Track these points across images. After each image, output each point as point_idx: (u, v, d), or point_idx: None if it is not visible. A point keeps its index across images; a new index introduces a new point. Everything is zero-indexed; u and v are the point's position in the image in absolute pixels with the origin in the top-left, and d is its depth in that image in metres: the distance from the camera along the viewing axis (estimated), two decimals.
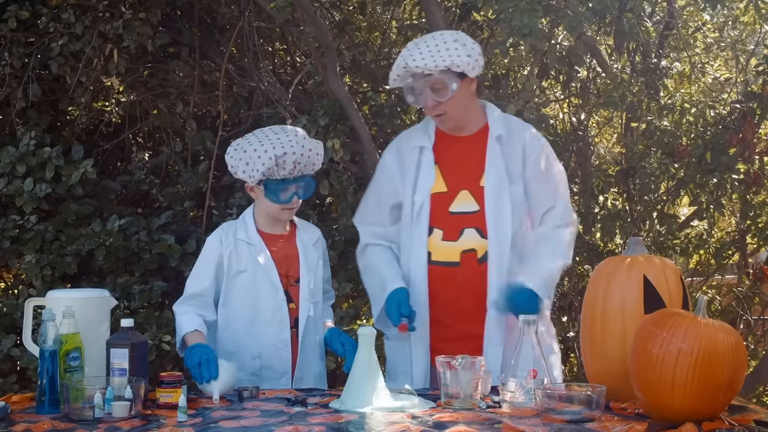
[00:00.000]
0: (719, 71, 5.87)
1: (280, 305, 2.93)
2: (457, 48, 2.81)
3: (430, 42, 2.85)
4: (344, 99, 4.29)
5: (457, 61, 2.79)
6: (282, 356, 2.92)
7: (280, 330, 2.92)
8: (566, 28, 4.09)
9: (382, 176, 3.06)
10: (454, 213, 2.91)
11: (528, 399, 2.35)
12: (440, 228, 2.91)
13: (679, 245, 4.74)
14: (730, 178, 4.49)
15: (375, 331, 2.53)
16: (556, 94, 5.56)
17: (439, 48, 2.81)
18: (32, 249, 4.17)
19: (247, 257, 2.95)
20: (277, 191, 2.91)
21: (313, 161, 2.93)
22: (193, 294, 2.94)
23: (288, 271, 2.97)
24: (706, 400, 2.09)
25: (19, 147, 4.17)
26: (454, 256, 2.89)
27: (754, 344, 5.02)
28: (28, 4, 4.36)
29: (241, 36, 4.76)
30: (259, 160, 2.86)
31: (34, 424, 2.24)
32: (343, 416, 2.29)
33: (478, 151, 2.93)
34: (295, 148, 2.87)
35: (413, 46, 2.88)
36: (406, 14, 5.75)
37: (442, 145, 2.97)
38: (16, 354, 4.09)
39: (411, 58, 2.81)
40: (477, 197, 2.90)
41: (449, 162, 2.95)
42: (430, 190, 2.92)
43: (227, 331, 2.94)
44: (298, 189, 2.93)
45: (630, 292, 2.42)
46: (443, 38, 2.85)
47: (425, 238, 2.91)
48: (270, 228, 3.01)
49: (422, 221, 2.91)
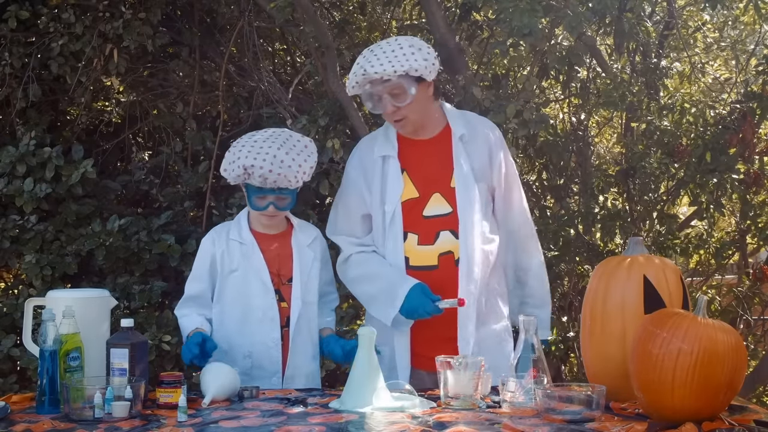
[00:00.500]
0: (719, 71, 5.86)
1: (270, 304, 2.93)
2: (414, 53, 2.83)
3: (386, 48, 2.86)
4: (344, 99, 4.28)
5: (414, 65, 2.81)
6: (272, 355, 2.92)
7: (270, 329, 2.93)
8: (566, 28, 4.08)
9: (348, 189, 3.07)
10: (428, 217, 2.94)
11: (528, 399, 2.36)
12: (415, 233, 2.93)
13: (679, 245, 4.74)
14: (730, 178, 4.48)
15: (375, 331, 2.53)
16: (556, 94, 5.55)
17: (396, 53, 2.82)
18: (32, 249, 4.17)
19: (239, 257, 2.96)
20: (251, 197, 2.93)
21: (288, 177, 2.86)
22: (191, 296, 3.00)
23: (280, 270, 2.97)
24: (706, 400, 2.09)
25: (19, 147, 4.17)
26: (432, 259, 2.92)
27: (754, 344, 5.02)
28: (28, 4, 4.36)
29: (241, 36, 4.76)
30: (232, 165, 2.92)
31: (34, 424, 2.24)
32: (343, 416, 2.29)
33: (444, 153, 2.97)
34: (265, 164, 2.82)
35: (369, 53, 2.88)
36: (406, 14, 5.75)
37: (407, 150, 2.99)
38: (16, 354, 4.09)
39: (369, 64, 2.82)
40: (449, 199, 2.94)
41: (416, 167, 2.97)
42: (400, 198, 2.94)
43: (220, 331, 2.95)
44: (276, 200, 2.91)
45: (630, 292, 2.42)
46: (399, 44, 2.87)
47: (401, 245, 2.93)
48: (263, 228, 3.02)
49: (396, 228, 2.93)
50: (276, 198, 2.91)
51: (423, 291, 2.83)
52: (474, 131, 3.01)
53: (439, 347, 2.75)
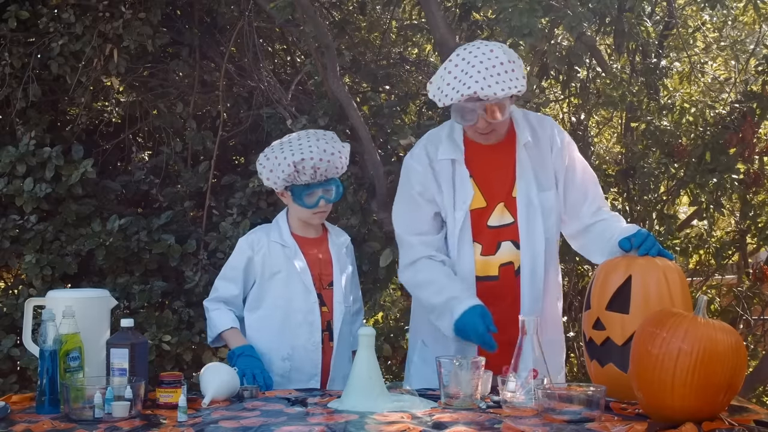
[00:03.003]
0: (719, 71, 5.87)
1: (312, 308, 2.96)
2: (514, 69, 2.72)
3: (487, 63, 2.70)
4: (344, 99, 4.29)
5: (519, 87, 2.72)
6: (312, 359, 2.96)
7: (311, 332, 2.96)
8: (566, 28, 4.09)
9: (416, 184, 2.91)
10: (491, 227, 2.87)
11: (528, 399, 2.35)
12: (479, 243, 2.87)
13: (679, 245, 4.74)
14: (730, 178, 4.49)
15: (375, 331, 2.53)
16: (555, 94, 5.56)
17: (500, 73, 2.69)
18: (32, 249, 4.17)
19: (282, 259, 2.99)
20: (302, 196, 2.96)
21: (335, 165, 2.94)
22: (223, 297, 3.03)
23: (321, 275, 3.00)
24: (706, 400, 2.09)
25: (19, 147, 4.17)
26: (493, 270, 2.86)
27: (754, 344, 5.02)
28: (28, 4, 4.36)
29: (241, 36, 4.76)
30: (279, 167, 2.92)
31: (34, 424, 2.24)
32: (343, 416, 2.29)
33: (508, 160, 2.88)
34: (313, 154, 2.90)
35: (468, 66, 2.72)
36: (406, 14, 5.76)
37: (473, 155, 2.89)
38: (16, 354, 4.09)
39: (477, 85, 2.67)
40: (511, 209, 2.87)
41: (483, 174, 2.88)
42: (469, 207, 2.86)
43: (260, 333, 2.98)
44: (324, 193, 2.97)
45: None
46: (498, 59, 2.72)
47: (471, 255, 2.85)
48: (303, 232, 3.05)
49: (465, 237, 2.86)
50: (324, 191, 2.97)
51: (482, 314, 2.69)
52: (536, 136, 2.91)
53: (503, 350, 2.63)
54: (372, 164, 4.32)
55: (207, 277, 4.19)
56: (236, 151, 5.05)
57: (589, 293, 2.56)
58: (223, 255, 4.19)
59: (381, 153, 4.50)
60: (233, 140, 4.97)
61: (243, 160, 5.02)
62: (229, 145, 4.99)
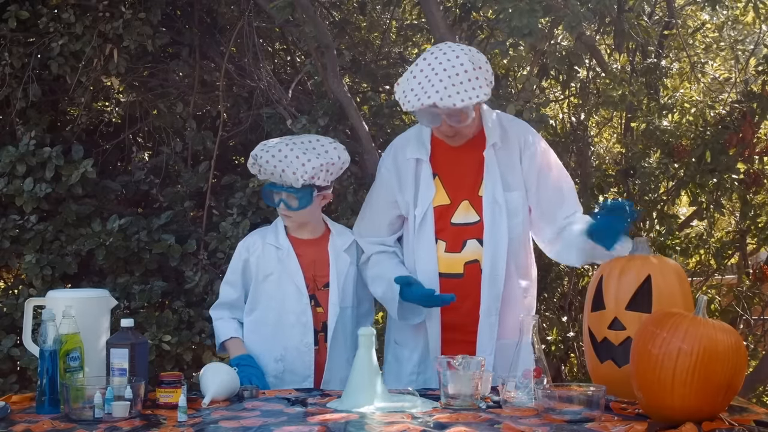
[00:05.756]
0: (719, 71, 5.87)
1: (304, 309, 2.96)
2: (478, 77, 2.74)
3: (450, 71, 2.72)
4: (344, 99, 4.28)
5: (481, 95, 2.75)
6: (305, 360, 2.96)
7: (303, 333, 2.96)
8: (566, 28, 4.08)
9: (380, 189, 3.06)
10: (455, 224, 2.91)
11: (528, 399, 2.36)
12: (443, 240, 2.90)
13: (679, 245, 4.74)
14: (730, 178, 4.49)
15: (374, 331, 2.54)
16: (555, 94, 5.55)
17: (462, 82, 2.71)
18: (32, 249, 4.17)
19: (275, 261, 3.01)
20: (266, 189, 3.01)
21: (288, 173, 2.89)
22: (225, 302, 3.07)
23: (316, 276, 2.99)
24: (706, 400, 2.09)
25: (19, 147, 4.16)
26: (458, 267, 2.90)
27: (754, 344, 5.02)
28: (28, 4, 4.35)
29: (241, 36, 4.76)
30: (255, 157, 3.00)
31: (34, 424, 2.24)
32: (343, 416, 2.29)
33: (475, 160, 2.93)
34: (267, 155, 2.93)
35: (431, 73, 2.74)
36: (406, 14, 5.75)
37: (440, 154, 2.96)
38: (16, 354, 4.08)
39: (438, 96, 2.69)
40: (476, 207, 2.90)
41: (448, 173, 2.94)
42: (431, 203, 2.91)
43: (254, 334, 3.00)
44: (287, 198, 2.96)
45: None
46: (464, 68, 2.73)
47: (433, 250, 2.90)
48: (298, 233, 3.05)
49: (426, 233, 2.90)
50: (287, 196, 2.95)
51: (411, 281, 2.84)
52: (507, 138, 2.94)
53: (463, 349, 2.70)
54: (372, 164, 4.31)
55: (207, 277, 4.19)
56: (236, 151, 5.05)
57: (598, 293, 2.53)
58: (223, 255, 4.19)
59: (381, 153, 4.49)
60: (233, 140, 4.96)
61: (243, 160, 5.02)
62: (229, 145, 4.98)
